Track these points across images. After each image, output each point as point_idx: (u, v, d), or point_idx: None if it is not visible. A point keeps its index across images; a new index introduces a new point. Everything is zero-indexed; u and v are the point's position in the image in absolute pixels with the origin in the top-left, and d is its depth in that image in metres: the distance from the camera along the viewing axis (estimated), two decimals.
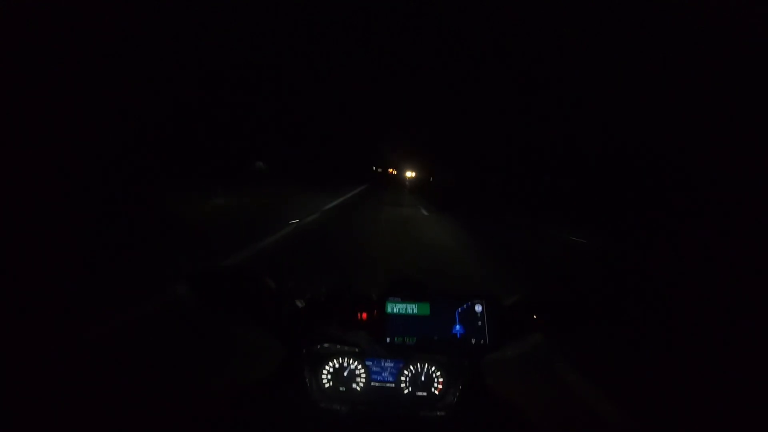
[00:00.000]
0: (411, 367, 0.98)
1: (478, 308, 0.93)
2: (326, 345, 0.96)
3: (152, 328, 2.23)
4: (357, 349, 0.96)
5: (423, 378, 0.97)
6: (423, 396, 0.97)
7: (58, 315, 2.15)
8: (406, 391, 0.97)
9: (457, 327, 0.91)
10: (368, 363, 0.98)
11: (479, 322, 0.92)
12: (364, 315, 0.93)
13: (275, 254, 4.61)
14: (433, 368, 0.98)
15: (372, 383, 0.97)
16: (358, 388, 0.96)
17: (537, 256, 6.73)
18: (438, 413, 0.94)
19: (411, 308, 0.93)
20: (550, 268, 5.60)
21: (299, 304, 0.93)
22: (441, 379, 0.98)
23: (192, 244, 4.44)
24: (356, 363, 0.97)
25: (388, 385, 0.97)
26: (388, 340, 0.90)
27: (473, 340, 0.91)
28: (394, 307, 0.92)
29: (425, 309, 0.93)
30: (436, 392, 0.97)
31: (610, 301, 1.03)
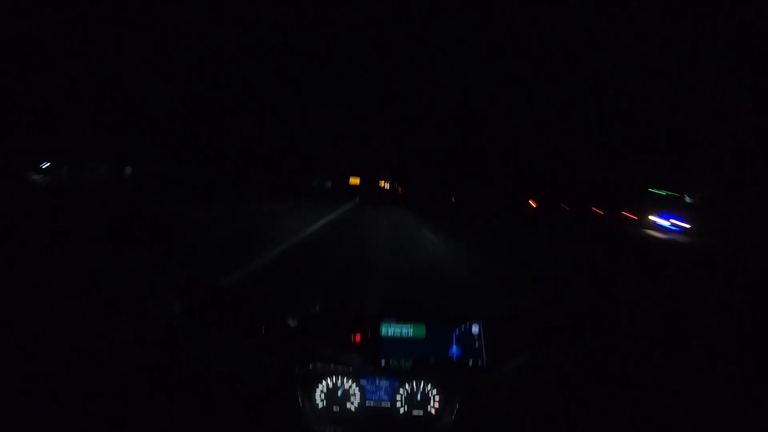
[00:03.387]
0: (407, 386, 0.95)
1: (475, 330, 0.91)
2: (319, 365, 0.94)
3: (144, 340, 2.19)
4: (351, 369, 0.94)
5: (419, 397, 0.95)
6: (419, 415, 0.94)
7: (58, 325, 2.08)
8: (401, 411, 0.94)
9: (454, 349, 0.90)
10: (363, 382, 0.95)
11: (476, 344, 0.90)
12: (358, 337, 0.90)
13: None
14: (429, 386, 0.95)
15: (367, 403, 0.94)
16: (353, 408, 0.93)
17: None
18: None
19: (406, 330, 0.91)
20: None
21: (291, 323, 0.91)
22: (437, 398, 0.95)
23: None
24: (350, 382, 0.94)
25: (383, 404, 0.94)
26: (383, 363, 0.88)
27: (470, 362, 0.89)
28: (389, 330, 0.90)
29: (421, 331, 0.91)
30: (433, 411, 0.94)
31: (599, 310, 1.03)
